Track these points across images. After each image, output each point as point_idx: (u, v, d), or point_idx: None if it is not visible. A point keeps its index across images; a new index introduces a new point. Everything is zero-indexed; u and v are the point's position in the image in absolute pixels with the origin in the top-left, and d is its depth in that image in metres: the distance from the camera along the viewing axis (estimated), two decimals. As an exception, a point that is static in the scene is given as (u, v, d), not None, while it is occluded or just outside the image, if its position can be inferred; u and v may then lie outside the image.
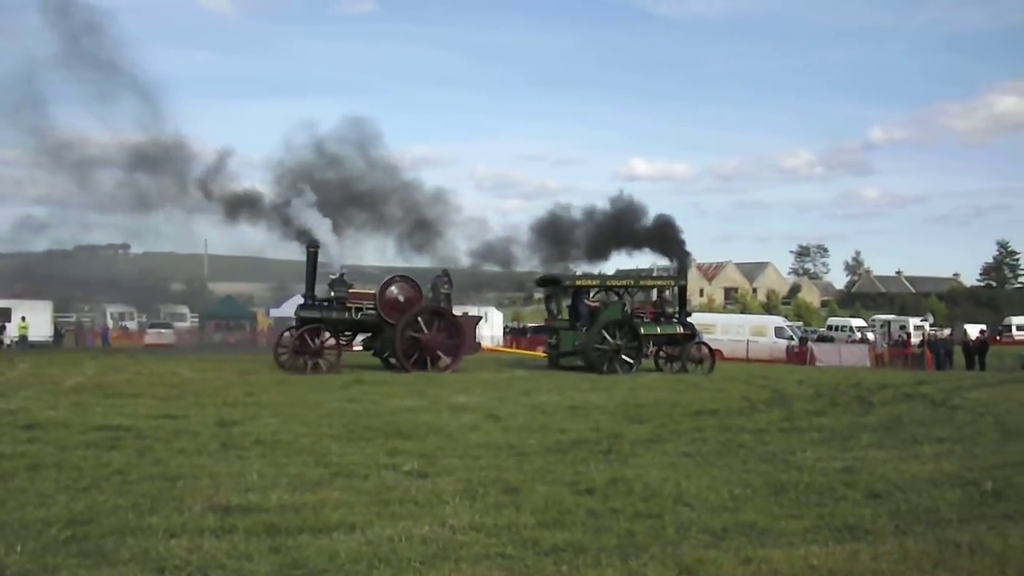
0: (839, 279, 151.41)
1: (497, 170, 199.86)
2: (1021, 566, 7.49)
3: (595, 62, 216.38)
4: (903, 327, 71.45)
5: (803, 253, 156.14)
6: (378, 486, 10.07)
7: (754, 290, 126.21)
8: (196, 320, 68.33)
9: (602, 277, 38.73)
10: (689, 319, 35.40)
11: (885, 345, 56.25)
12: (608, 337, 31.30)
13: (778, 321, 60.64)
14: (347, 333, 31.19)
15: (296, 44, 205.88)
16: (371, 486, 10.08)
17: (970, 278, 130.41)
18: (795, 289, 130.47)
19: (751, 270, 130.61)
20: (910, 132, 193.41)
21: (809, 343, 53.40)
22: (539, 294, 57.20)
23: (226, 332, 59.62)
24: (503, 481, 10.40)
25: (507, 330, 65.21)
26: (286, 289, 67.34)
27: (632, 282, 36.00)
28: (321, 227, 31.05)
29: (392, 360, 30.35)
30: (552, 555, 7.53)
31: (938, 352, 45.42)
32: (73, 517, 8.34)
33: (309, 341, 29.12)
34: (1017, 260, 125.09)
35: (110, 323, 66.08)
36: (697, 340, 34.92)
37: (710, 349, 34.89)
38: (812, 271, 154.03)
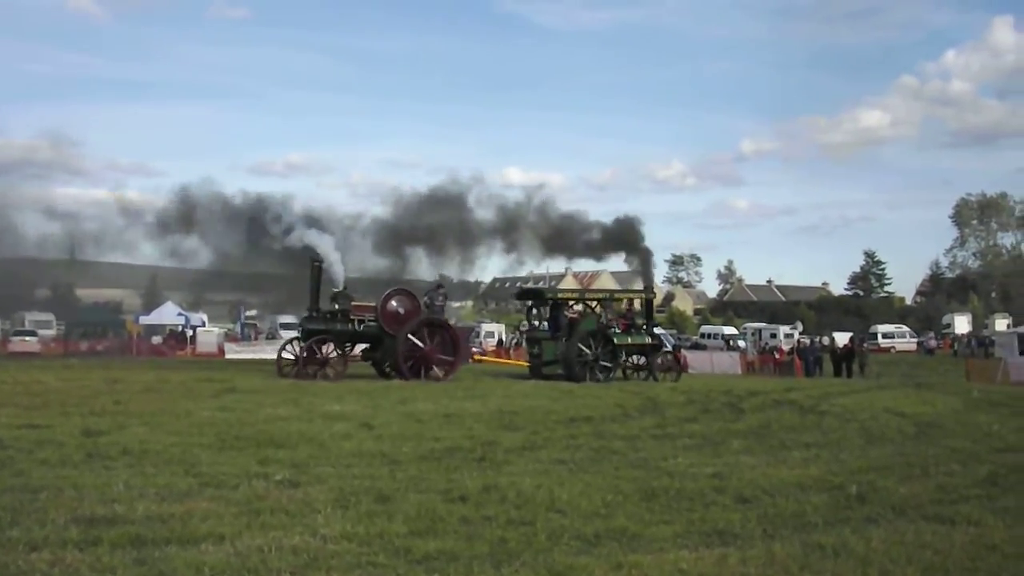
0: (712, 288, 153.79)
1: (372, 177, 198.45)
2: (883, 567, 7.68)
3: (474, 70, 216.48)
4: (774, 335, 72.90)
5: (677, 262, 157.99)
6: (248, 496, 9.93)
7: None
8: (62, 328, 66.73)
9: (581, 290, 41.73)
10: (656, 330, 36.73)
11: (756, 352, 57.31)
12: (586, 347, 32.15)
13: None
14: (348, 344, 31.84)
15: (169, 48, 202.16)
16: (241, 496, 9.93)
17: (838, 287, 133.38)
18: (669, 297, 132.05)
19: (626, 278, 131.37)
20: (778, 144, 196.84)
21: (682, 350, 54.18)
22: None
23: (93, 339, 58.30)
24: (376, 490, 10.33)
25: None
26: (156, 295, 66.26)
27: (608, 294, 38.22)
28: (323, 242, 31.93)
29: (389, 370, 31.10)
30: (424, 563, 7.51)
31: (807, 359, 46.38)
32: (-72, 531, 8.07)
33: (317, 351, 30.02)
34: (883, 269, 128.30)
35: (-29, 331, 64.19)
36: (664, 350, 36.24)
37: (676, 358, 35.71)
38: (686, 280, 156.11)
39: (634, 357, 34.85)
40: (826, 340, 57.76)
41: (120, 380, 26.23)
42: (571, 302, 35.29)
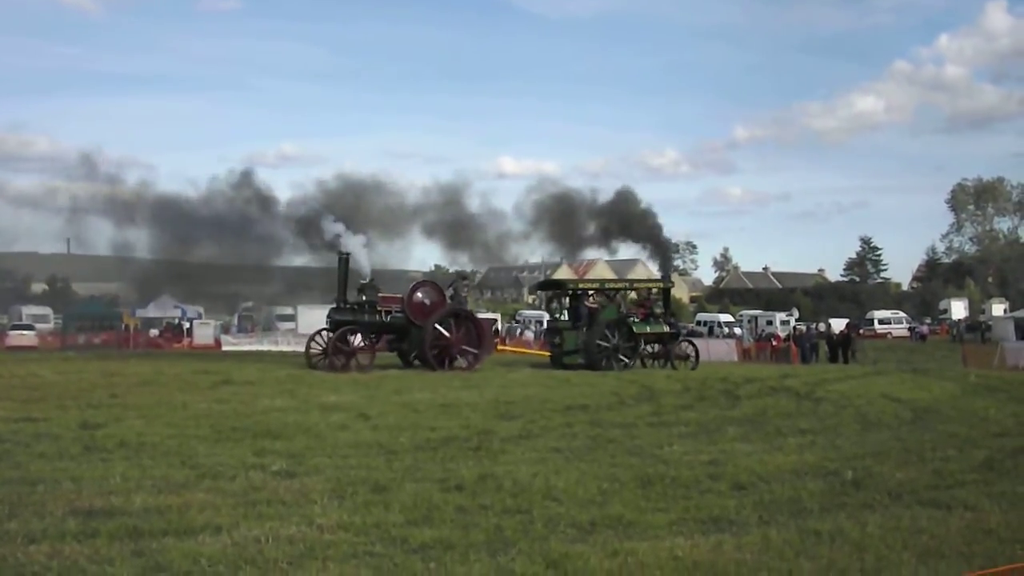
0: (708, 275, 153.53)
1: (365, 168, 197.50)
2: (879, 553, 7.70)
3: (465, 59, 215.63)
4: (770, 322, 72.88)
5: (672, 250, 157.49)
6: (245, 487, 9.96)
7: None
8: (60, 321, 66.66)
9: (601, 281, 42.82)
10: (673, 319, 37.27)
11: (752, 339, 57.27)
12: (607, 336, 32.63)
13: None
14: (374, 334, 32.33)
15: (161, 40, 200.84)
16: (238, 487, 9.96)
17: (834, 273, 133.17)
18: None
19: (621, 267, 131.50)
20: (772, 131, 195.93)
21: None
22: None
23: (90, 333, 58.24)
24: (372, 480, 10.36)
25: None
26: (152, 288, 66.03)
27: (627, 285, 39.47)
28: (348, 238, 32.62)
29: (415, 360, 31.64)
30: (420, 552, 7.53)
31: (803, 346, 46.35)
32: (-74, 524, 8.08)
33: (345, 342, 30.45)
34: (879, 255, 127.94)
35: (-31, 326, 64.04)
36: (682, 338, 36.60)
37: (694, 346, 36.22)
38: (681, 267, 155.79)
39: (652, 345, 35.15)
40: (822, 327, 57.69)
41: (117, 373, 26.28)
42: (591, 293, 35.70)
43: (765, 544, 7.91)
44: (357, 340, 31.02)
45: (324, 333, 31.82)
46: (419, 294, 31.53)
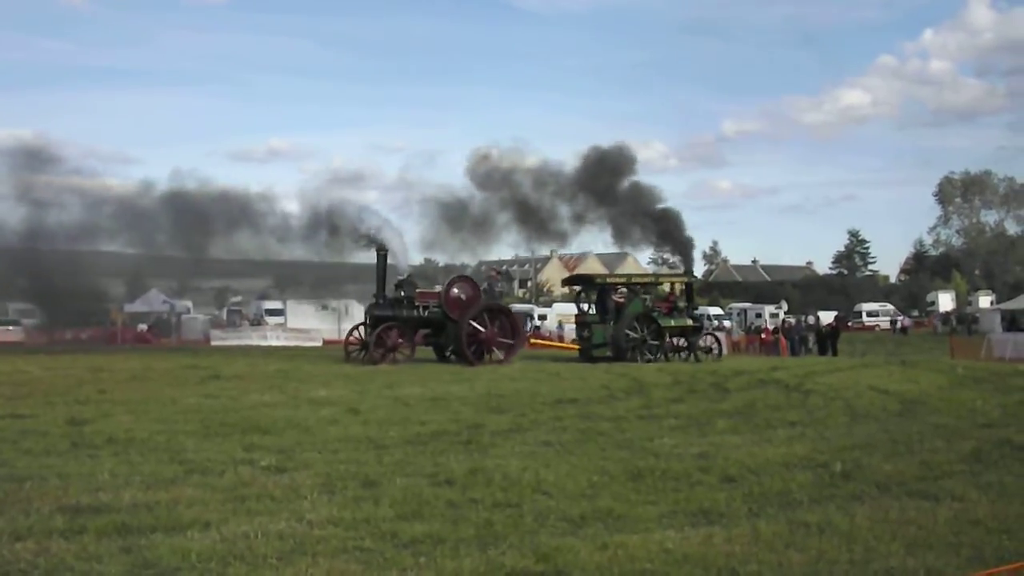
0: (697, 268, 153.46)
1: (354, 162, 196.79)
2: (867, 544, 7.71)
3: (457, 54, 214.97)
4: (759, 314, 73.08)
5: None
6: (234, 482, 9.93)
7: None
8: (46, 316, 66.39)
9: (627, 276, 44.08)
10: (696, 311, 38.08)
11: (741, 332, 57.40)
12: (634, 330, 33.29)
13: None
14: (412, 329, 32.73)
15: (147, 34, 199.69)
16: (227, 482, 9.93)
17: (823, 266, 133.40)
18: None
19: (611, 260, 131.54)
20: (760, 125, 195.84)
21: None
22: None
23: (77, 328, 58.08)
24: (362, 474, 10.34)
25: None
26: (141, 283, 65.87)
27: (652, 279, 40.96)
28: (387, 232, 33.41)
29: (450, 354, 32.31)
30: (411, 547, 7.52)
31: (792, 338, 46.49)
32: (-88, 522, 8.04)
33: (385, 337, 30.82)
34: (867, 248, 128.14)
35: (-46, 322, 63.77)
36: (706, 331, 37.48)
37: (717, 339, 37.15)
38: (670, 261, 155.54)
39: (676, 338, 35.47)
40: (811, 319, 57.90)
41: (104, 368, 26.20)
42: (618, 287, 36.46)
43: (755, 536, 7.92)
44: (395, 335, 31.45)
45: (362, 327, 32.59)
46: (455, 289, 32.08)
